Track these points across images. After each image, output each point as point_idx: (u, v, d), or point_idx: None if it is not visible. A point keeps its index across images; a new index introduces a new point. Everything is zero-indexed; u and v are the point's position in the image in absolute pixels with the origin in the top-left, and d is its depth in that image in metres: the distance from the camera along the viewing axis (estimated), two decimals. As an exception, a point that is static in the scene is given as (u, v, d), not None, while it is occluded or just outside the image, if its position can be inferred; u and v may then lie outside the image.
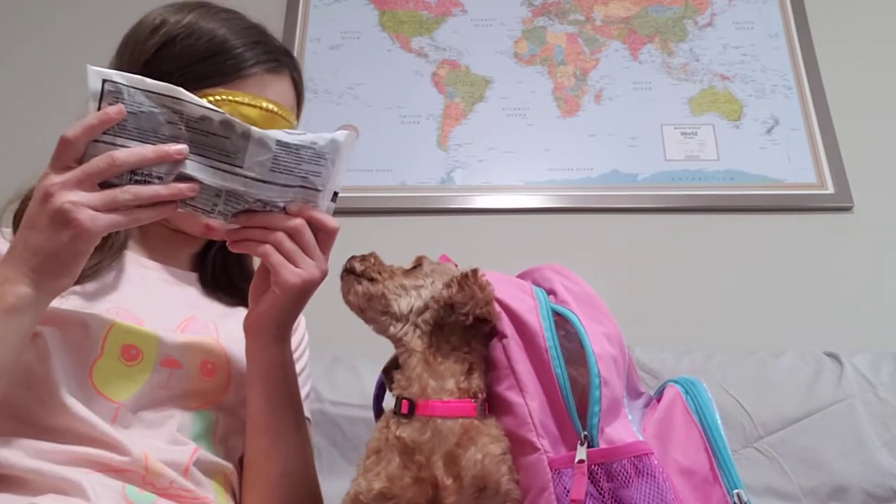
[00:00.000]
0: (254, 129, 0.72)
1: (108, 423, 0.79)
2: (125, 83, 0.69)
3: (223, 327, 0.93)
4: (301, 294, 0.80)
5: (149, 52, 0.87)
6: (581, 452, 0.76)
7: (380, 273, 0.84)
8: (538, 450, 0.79)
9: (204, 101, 0.72)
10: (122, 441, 0.77)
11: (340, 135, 0.77)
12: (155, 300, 0.91)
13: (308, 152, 0.75)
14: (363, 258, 0.86)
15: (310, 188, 0.77)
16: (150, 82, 0.70)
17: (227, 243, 0.81)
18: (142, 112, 0.70)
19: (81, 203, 0.66)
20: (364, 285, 0.83)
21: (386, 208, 1.81)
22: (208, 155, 0.73)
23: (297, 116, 0.97)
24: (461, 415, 0.78)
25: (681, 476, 0.79)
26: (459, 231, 1.76)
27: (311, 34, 1.99)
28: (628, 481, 0.74)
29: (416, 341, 0.81)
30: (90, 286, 0.86)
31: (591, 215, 1.81)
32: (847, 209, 1.79)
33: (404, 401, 0.79)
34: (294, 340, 1.03)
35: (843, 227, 1.77)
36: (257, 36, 0.92)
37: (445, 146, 1.88)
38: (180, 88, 0.71)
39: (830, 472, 1.26)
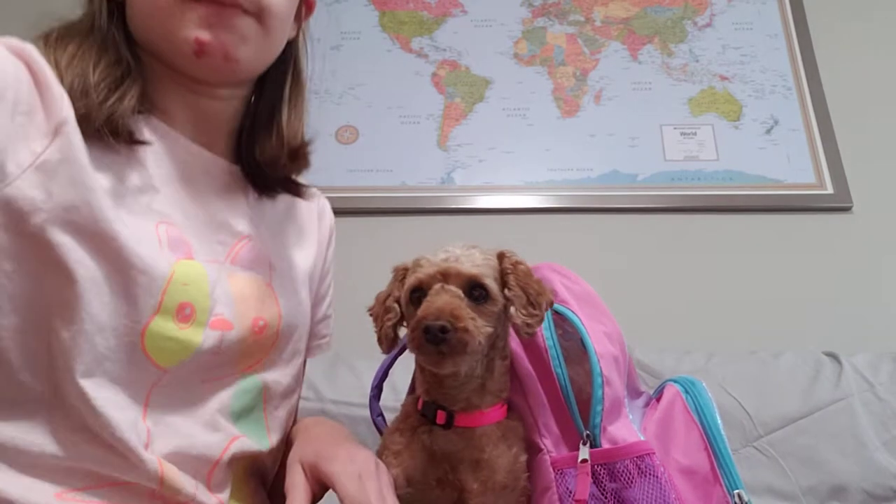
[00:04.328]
0: None
1: (140, 405, 0.68)
2: None
3: (277, 258, 0.85)
4: None
5: None
6: (584, 452, 0.76)
7: (473, 332, 0.72)
8: (541, 450, 0.79)
9: None
10: (138, 453, 0.65)
11: None
12: (202, 208, 0.78)
13: None
14: (456, 330, 0.70)
15: None
16: None
17: None
18: None
19: None
20: (468, 357, 0.74)
21: (386, 208, 1.81)
22: None
23: None
24: (497, 419, 0.79)
25: (681, 476, 0.79)
26: (459, 231, 1.76)
27: (312, 34, 1.99)
28: (631, 481, 0.74)
29: (477, 370, 0.78)
30: (129, 170, 0.71)
31: (590, 215, 1.81)
32: (846, 209, 1.79)
33: (441, 411, 0.77)
34: (324, 286, 0.99)
35: (843, 228, 1.78)
36: None
37: (445, 146, 1.88)
38: None
39: (830, 472, 1.26)
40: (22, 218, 0.61)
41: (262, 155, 0.85)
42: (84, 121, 0.65)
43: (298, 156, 0.87)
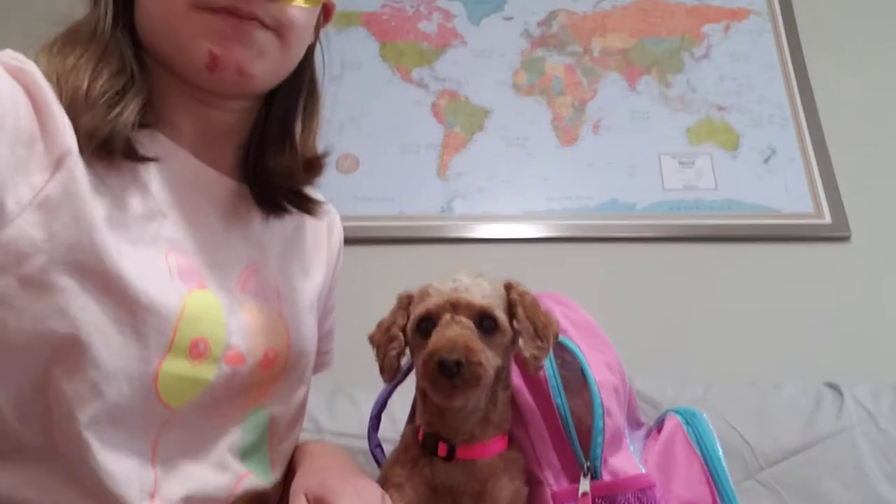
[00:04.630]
0: None
1: (147, 451, 0.64)
2: None
3: (285, 284, 0.83)
4: None
5: None
6: (584, 485, 0.75)
7: (486, 366, 0.72)
8: (541, 482, 0.79)
9: None
10: None
11: None
12: (210, 233, 0.75)
13: None
14: (470, 364, 0.70)
15: None
16: None
17: None
18: None
19: None
20: (479, 390, 0.74)
21: (386, 237, 1.81)
22: None
23: None
24: (499, 451, 0.78)
25: (683, 509, 0.78)
26: (459, 260, 1.76)
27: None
28: (632, 515, 0.74)
29: (481, 402, 0.77)
30: (134, 194, 0.66)
31: (589, 244, 1.81)
32: (844, 239, 1.79)
33: (443, 444, 0.77)
34: (331, 300, 0.98)
35: (841, 257, 1.78)
36: None
37: (445, 175, 1.89)
38: None
39: (832, 504, 1.25)
40: (21, 260, 0.56)
41: (275, 167, 0.80)
42: (83, 139, 0.61)
43: (314, 166, 0.84)
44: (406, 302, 0.80)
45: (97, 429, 0.60)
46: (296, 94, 0.83)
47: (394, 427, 0.99)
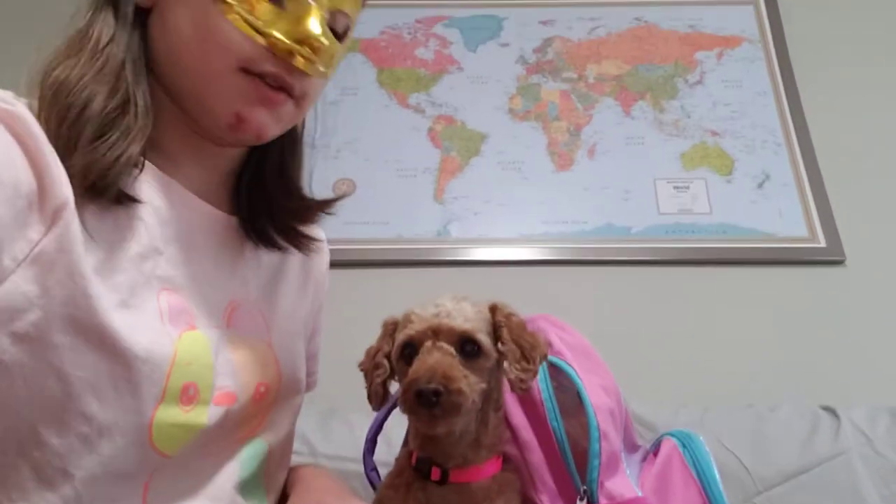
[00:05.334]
0: None
1: (137, 498, 0.63)
2: None
3: (273, 314, 0.83)
4: None
5: None
6: (580, 508, 0.75)
7: (466, 393, 0.71)
8: (537, 505, 0.78)
9: None
10: None
11: None
12: (201, 268, 0.73)
13: None
14: (449, 392, 0.69)
15: None
16: None
17: None
18: None
19: None
20: (462, 417, 0.72)
21: (383, 260, 1.81)
22: None
23: None
24: (493, 472, 0.77)
25: (680, 532, 0.78)
26: (455, 283, 1.77)
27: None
28: (628, 538, 0.73)
29: (471, 426, 0.76)
30: (128, 234, 0.64)
31: (585, 268, 1.81)
32: (839, 262, 1.80)
33: (436, 468, 0.76)
34: (318, 321, 0.97)
35: (836, 281, 1.78)
36: None
37: (442, 199, 1.90)
38: None
39: (830, 529, 1.24)
40: (14, 316, 0.55)
41: (281, 204, 0.81)
42: (76, 179, 0.59)
43: (322, 209, 0.85)
44: (391, 328, 0.79)
45: (88, 483, 0.58)
46: (293, 132, 0.84)
47: (389, 450, 0.98)
